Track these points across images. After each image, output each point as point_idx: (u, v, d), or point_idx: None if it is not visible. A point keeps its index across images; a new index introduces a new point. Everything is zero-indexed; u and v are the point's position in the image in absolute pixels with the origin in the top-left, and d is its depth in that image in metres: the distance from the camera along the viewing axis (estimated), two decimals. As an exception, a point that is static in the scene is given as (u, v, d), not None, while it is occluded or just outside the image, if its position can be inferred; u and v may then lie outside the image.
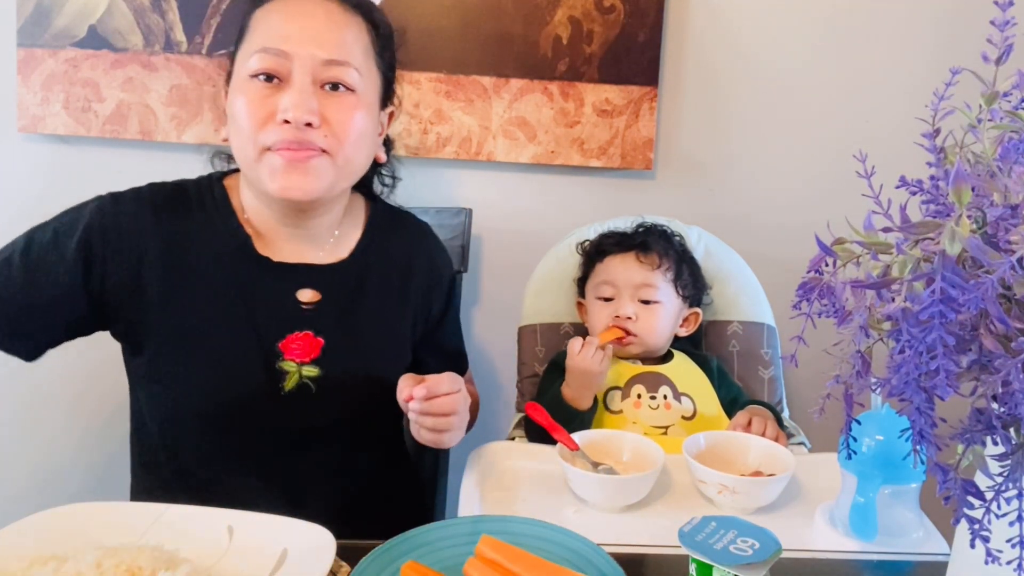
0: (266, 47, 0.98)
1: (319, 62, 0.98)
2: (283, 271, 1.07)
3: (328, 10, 1.01)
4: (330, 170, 1.01)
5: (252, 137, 0.98)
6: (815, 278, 0.62)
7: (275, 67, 0.98)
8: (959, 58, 0.64)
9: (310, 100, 0.97)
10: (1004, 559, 0.55)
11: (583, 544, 0.82)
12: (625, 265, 1.33)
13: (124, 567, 0.74)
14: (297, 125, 0.96)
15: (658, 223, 1.42)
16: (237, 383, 1.03)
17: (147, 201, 1.06)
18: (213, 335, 1.03)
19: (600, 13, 1.58)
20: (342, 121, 1.00)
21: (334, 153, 1.00)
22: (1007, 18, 0.59)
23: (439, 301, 1.20)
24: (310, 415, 1.05)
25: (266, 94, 0.98)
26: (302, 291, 1.08)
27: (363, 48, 1.03)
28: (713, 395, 1.30)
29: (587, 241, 1.43)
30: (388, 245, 1.16)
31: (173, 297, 1.03)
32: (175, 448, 1.07)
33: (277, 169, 0.98)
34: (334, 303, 1.09)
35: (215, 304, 1.03)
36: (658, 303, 1.31)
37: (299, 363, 1.05)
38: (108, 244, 1.01)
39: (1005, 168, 0.56)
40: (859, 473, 0.90)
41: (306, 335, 1.06)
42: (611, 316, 1.31)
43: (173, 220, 1.05)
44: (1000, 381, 0.52)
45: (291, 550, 0.80)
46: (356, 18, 1.03)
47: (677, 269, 1.34)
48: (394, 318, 1.14)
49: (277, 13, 1.01)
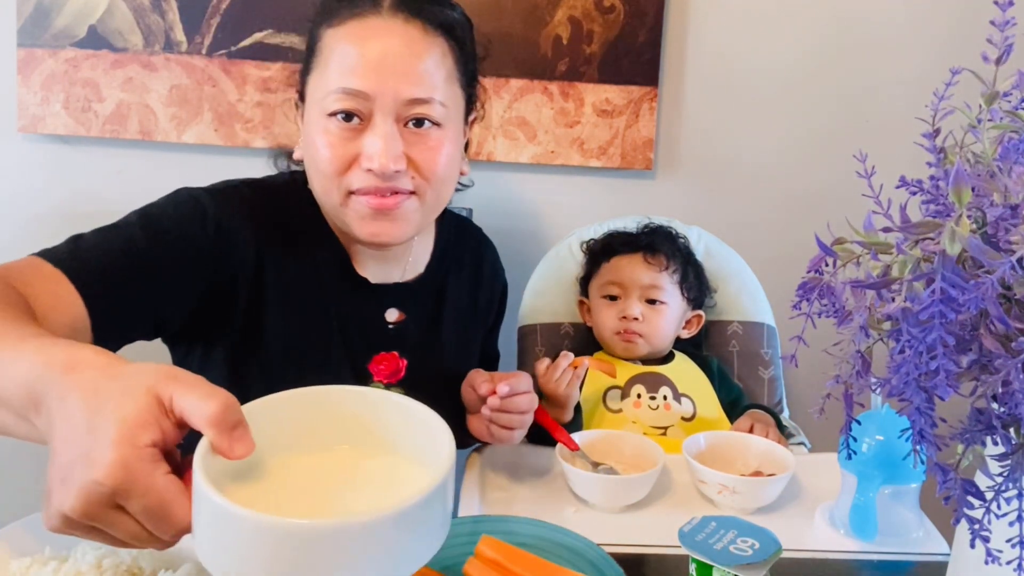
0: (345, 88, 0.90)
1: (402, 102, 0.91)
2: (374, 291, 1.05)
3: (409, 38, 0.91)
4: (419, 211, 0.96)
5: (335, 183, 0.93)
6: (815, 278, 0.62)
7: (355, 108, 0.91)
8: (959, 58, 0.64)
9: (394, 146, 0.90)
10: (1004, 559, 0.55)
11: (583, 544, 0.82)
12: (632, 266, 1.33)
13: (124, 567, 0.74)
14: (384, 174, 0.91)
15: (664, 224, 1.42)
16: None
17: (252, 199, 0.99)
18: (310, 351, 1.00)
19: (600, 13, 1.58)
20: (429, 160, 0.94)
21: (422, 194, 0.95)
22: (1007, 18, 0.58)
23: (494, 310, 1.22)
24: None
25: (347, 136, 0.92)
26: (389, 311, 1.07)
27: (446, 74, 0.95)
28: (713, 397, 1.30)
29: (592, 240, 1.43)
30: (457, 257, 1.14)
31: (280, 306, 0.98)
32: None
33: (365, 215, 0.94)
34: (416, 322, 1.08)
35: (315, 320, 1.00)
36: (664, 304, 1.32)
37: (387, 384, 1.05)
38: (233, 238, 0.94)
39: (1005, 168, 0.56)
40: (859, 473, 0.90)
41: (392, 355, 1.05)
42: (617, 316, 1.31)
43: (277, 224, 0.99)
44: (1000, 381, 0.52)
45: None
46: (438, 39, 0.94)
47: (683, 271, 1.35)
48: (469, 331, 1.16)
49: (352, 42, 0.91)
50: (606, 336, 1.33)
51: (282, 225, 0.99)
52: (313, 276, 1.00)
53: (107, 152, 1.61)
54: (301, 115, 0.99)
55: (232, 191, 0.98)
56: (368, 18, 0.92)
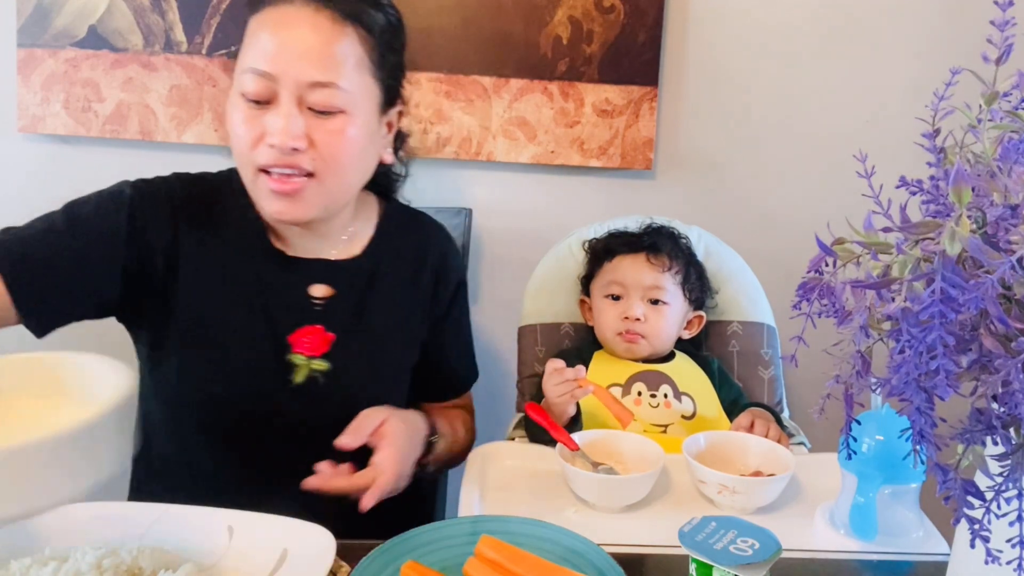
0: (253, 67, 0.97)
1: (304, 84, 0.96)
2: (297, 266, 1.09)
3: (317, 24, 0.98)
4: (319, 194, 1.00)
5: (247, 156, 0.99)
6: (815, 278, 0.62)
7: (261, 89, 0.97)
8: (959, 58, 0.64)
9: (295, 124, 0.96)
10: (1004, 559, 0.55)
11: (583, 544, 0.82)
12: (635, 266, 1.33)
13: (124, 567, 0.74)
14: (283, 150, 0.96)
15: (666, 224, 1.42)
16: (247, 372, 1.04)
17: (175, 187, 1.07)
18: (227, 323, 1.05)
19: (600, 13, 1.58)
20: (329, 144, 0.98)
21: (322, 176, 0.99)
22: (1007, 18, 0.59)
23: (444, 300, 1.19)
24: (318, 408, 1.06)
25: (255, 114, 0.98)
26: (315, 286, 1.09)
27: (355, 61, 1.00)
28: (714, 396, 1.30)
29: (594, 239, 1.43)
30: (401, 242, 1.16)
31: (194, 282, 1.05)
32: (180, 434, 1.08)
33: (267, 195, 0.99)
34: (346, 299, 1.10)
35: (231, 293, 1.06)
36: (666, 304, 1.32)
37: (308, 357, 1.06)
38: (148, 222, 1.03)
39: (1005, 168, 0.56)
40: (859, 473, 0.90)
41: (317, 329, 1.07)
42: (619, 316, 1.31)
43: (198, 208, 1.07)
44: (1000, 381, 0.52)
45: (291, 550, 0.80)
46: (348, 28, 0.99)
47: (685, 272, 1.35)
48: (404, 315, 1.15)
49: (266, 27, 0.98)
50: (608, 336, 1.33)
51: (204, 208, 1.07)
52: (232, 252, 1.07)
53: (107, 152, 1.61)
54: None
55: (159, 180, 1.07)
56: (281, 6, 0.98)
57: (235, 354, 1.04)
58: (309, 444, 1.06)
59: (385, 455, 0.96)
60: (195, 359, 1.04)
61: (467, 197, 1.64)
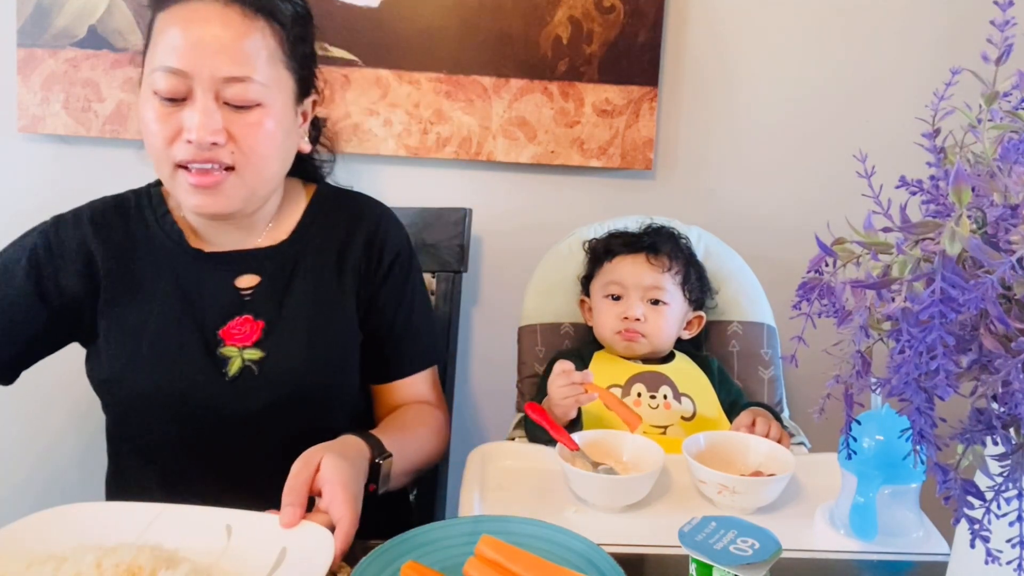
0: (165, 66, 0.97)
1: (219, 79, 0.97)
2: (218, 260, 1.10)
3: (226, 19, 0.99)
4: (239, 187, 1.02)
5: (163, 153, 1.00)
6: (815, 278, 0.62)
7: (175, 85, 0.97)
8: (959, 58, 0.64)
9: (212, 120, 0.97)
10: (1004, 559, 0.55)
11: (583, 544, 0.82)
12: (635, 266, 1.33)
13: (124, 567, 0.74)
14: (201, 145, 0.97)
15: (666, 224, 1.42)
16: (181, 372, 1.05)
17: (87, 216, 1.10)
18: (155, 329, 1.06)
19: (600, 13, 1.58)
20: (248, 137, 1.00)
21: (241, 169, 1.01)
22: (1007, 18, 0.59)
23: (378, 276, 1.16)
24: (256, 397, 1.06)
25: (170, 111, 0.98)
26: (241, 278, 1.10)
27: (268, 54, 1.01)
28: (714, 397, 1.30)
29: (594, 240, 1.43)
30: (328, 225, 1.16)
31: (118, 297, 1.06)
32: (135, 442, 1.10)
33: (188, 189, 1.00)
34: (272, 285, 1.10)
35: (156, 300, 1.07)
36: (666, 305, 1.32)
37: (241, 347, 1.07)
38: (54, 259, 1.06)
39: (1005, 168, 0.56)
40: (859, 473, 0.90)
41: (246, 319, 1.08)
42: (619, 316, 1.31)
43: (113, 229, 1.09)
44: (1000, 381, 0.52)
45: (290, 549, 0.80)
46: (258, 22, 1.00)
47: (685, 272, 1.35)
48: (332, 296, 1.12)
49: (175, 24, 0.99)
50: (607, 335, 1.33)
51: (121, 226, 1.10)
52: (150, 260, 1.08)
53: (107, 152, 1.61)
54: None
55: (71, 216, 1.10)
56: (190, 3, 0.99)
57: (165, 356, 1.05)
58: (253, 434, 1.07)
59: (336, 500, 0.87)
60: (127, 367, 1.05)
61: (467, 197, 1.64)
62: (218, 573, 0.78)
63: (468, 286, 1.67)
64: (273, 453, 1.00)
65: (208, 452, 1.07)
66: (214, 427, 1.06)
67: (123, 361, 1.05)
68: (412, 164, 1.64)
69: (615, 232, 1.42)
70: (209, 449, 1.07)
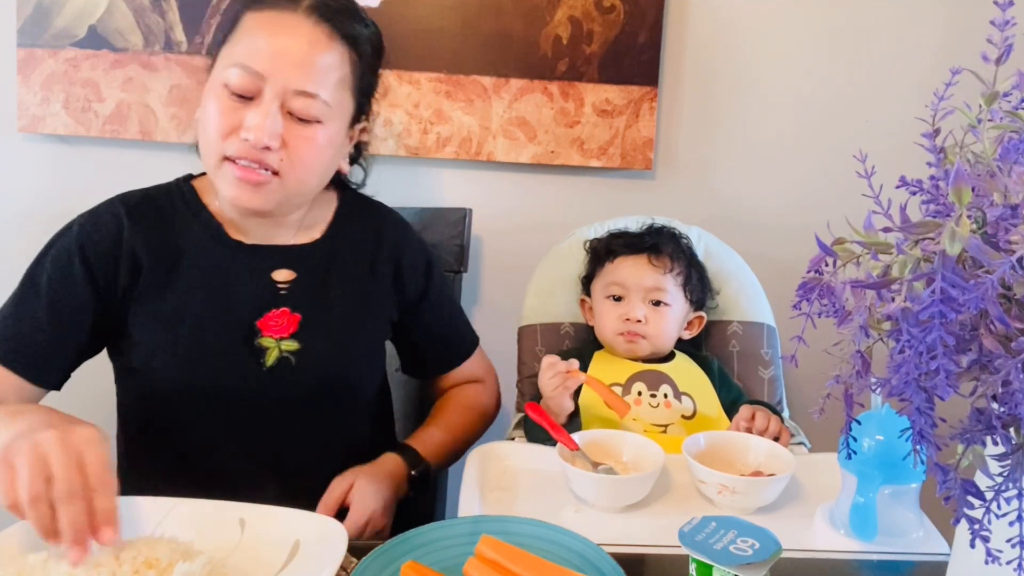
0: (244, 64, 1.00)
1: (290, 90, 1.01)
2: (256, 253, 1.12)
3: (314, 36, 1.02)
4: (280, 191, 1.05)
5: (216, 146, 1.02)
6: (815, 278, 0.62)
7: (247, 84, 1.00)
8: (959, 58, 0.64)
9: (273, 124, 1.00)
10: (1004, 559, 0.55)
11: (583, 544, 0.82)
12: (637, 267, 1.33)
13: (142, 558, 0.75)
14: (256, 146, 1.00)
15: (667, 224, 1.42)
16: (218, 362, 1.07)
17: (122, 209, 1.10)
18: (195, 318, 1.07)
19: (600, 13, 1.57)
20: (300, 148, 1.03)
21: (286, 176, 1.04)
22: (1007, 18, 0.59)
23: (414, 283, 1.22)
24: (293, 388, 1.09)
25: (235, 106, 1.01)
26: (277, 271, 1.13)
27: (339, 78, 1.05)
28: (714, 396, 1.30)
29: (595, 240, 1.43)
30: (358, 227, 1.20)
31: (155, 288, 1.08)
32: (167, 432, 1.11)
33: (231, 181, 1.03)
34: (308, 280, 1.13)
35: (195, 290, 1.08)
36: (667, 306, 1.32)
37: (278, 339, 1.09)
38: (100, 254, 1.07)
39: (1005, 168, 0.56)
40: (859, 473, 0.90)
41: (283, 312, 1.10)
42: (620, 317, 1.31)
43: (148, 221, 1.10)
44: (1000, 381, 0.52)
45: (303, 542, 0.81)
46: (340, 47, 1.05)
47: (687, 273, 1.35)
48: (366, 292, 1.17)
49: (263, 28, 1.02)
50: (608, 336, 1.33)
51: (156, 216, 1.11)
52: (190, 248, 1.10)
53: (107, 152, 1.61)
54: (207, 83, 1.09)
55: (103, 208, 1.11)
56: (284, 13, 1.03)
57: (205, 344, 1.07)
58: (287, 425, 1.11)
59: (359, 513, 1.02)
60: (166, 356, 1.06)
61: (467, 197, 1.64)
62: (233, 566, 0.79)
63: (468, 286, 1.67)
64: (301, 443, 1.09)
65: (236, 441, 1.09)
66: (247, 417, 1.09)
67: (160, 351, 1.06)
68: (412, 164, 1.64)
69: (616, 232, 1.42)
70: (236, 438, 1.09)
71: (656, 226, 1.41)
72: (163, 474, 1.09)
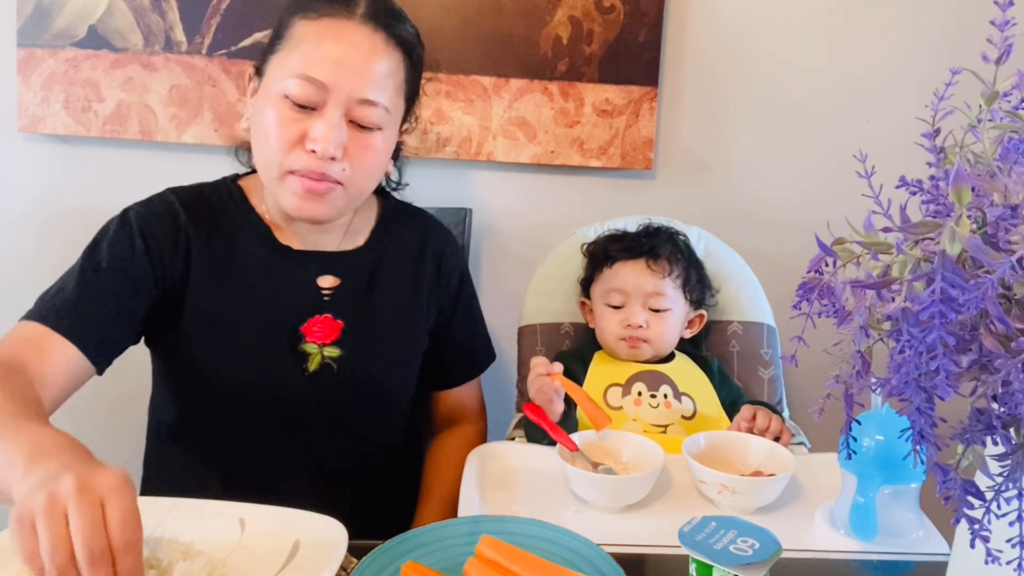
0: (307, 75, 0.99)
1: (354, 99, 1.01)
2: (303, 258, 1.12)
3: (374, 43, 1.02)
4: (343, 199, 1.05)
5: (279, 158, 1.02)
6: (815, 278, 0.62)
7: (310, 94, 0.99)
8: (959, 58, 0.64)
9: (340, 135, 1.00)
10: (1004, 559, 0.55)
11: (583, 544, 0.82)
12: (636, 273, 1.32)
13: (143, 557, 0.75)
14: (323, 157, 1.00)
15: (664, 224, 1.41)
16: (263, 364, 1.07)
17: (174, 199, 1.10)
18: (240, 319, 1.08)
19: (600, 13, 1.57)
20: (362, 156, 1.03)
21: (349, 185, 1.04)
22: (1007, 18, 0.59)
23: (447, 295, 1.23)
24: (333, 393, 1.10)
25: (297, 117, 1.00)
26: (322, 277, 1.13)
27: (396, 85, 1.05)
28: (714, 396, 1.30)
29: (592, 244, 1.42)
30: (401, 235, 1.21)
31: (207, 284, 1.08)
32: (207, 433, 1.11)
33: (296, 193, 1.02)
34: (352, 288, 1.14)
35: (241, 290, 1.09)
36: (668, 310, 1.32)
37: (321, 345, 1.10)
38: (160, 237, 1.07)
39: (1005, 168, 0.56)
40: (859, 473, 0.90)
41: (326, 318, 1.11)
42: (622, 323, 1.31)
43: (201, 215, 1.10)
44: (1000, 381, 0.52)
45: (303, 542, 0.81)
46: (397, 53, 1.05)
47: (686, 275, 1.35)
48: (408, 301, 1.18)
49: (323, 36, 1.01)
50: (610, 342, 1.33)
51: (207, 211, 1.11)
52: (239, 249, 1.10)
53: (107, 152, 1.61)
54: (254, 90, 1.08)
55: (156, 198, 1.11)
56: (341, 20, 1.02)
57: (250, 346, 1.07)
58: (326, 431, 1.11)
59: None
60: (212, 354, 1.07)
61: (467, 197, 1.64)
62: (233, 566, 0.79)
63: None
64: (339, 450, 1.09)
65: (273, 442, 1.09)
66: (288, 421, 1.09)
67: (206, 349, 1.07)
68: (412, 164, 1.64)
69: (613, 235, 1.41)
70: (278, 442, 1.10)
71: (653, 227, 1.41)
72: (196, 477, 1.10)
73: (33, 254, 1.11)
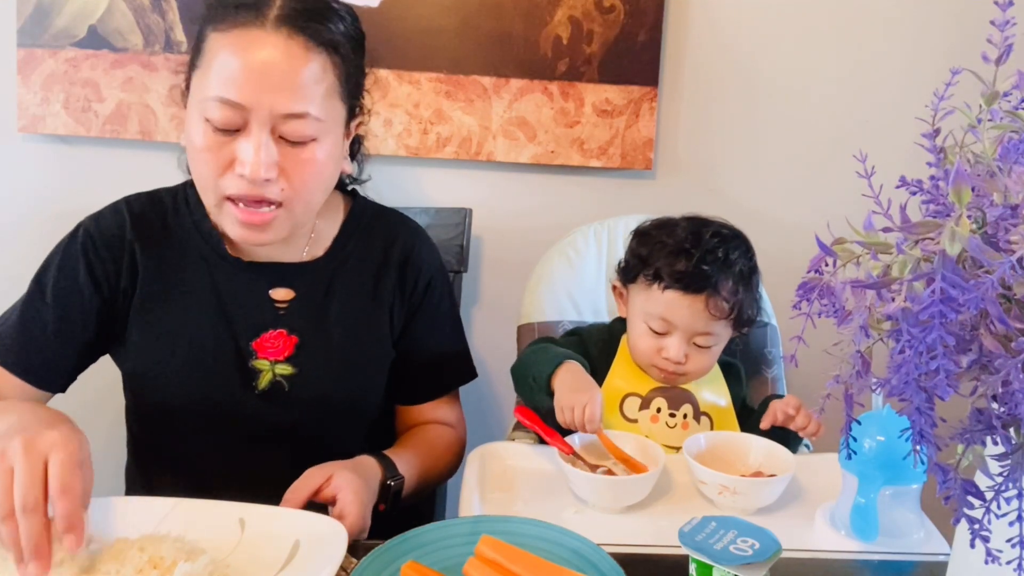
0: (222, 97, 0.92)
1: (277, 115, 0.93)
2: (255, 270, 1.08)
3: (289, 53, 0.93)
4: (286, 220, 1.00)
5: (212, 184, 0.97)
6: (815, 278, 0.62)
7: (231, 117, 0.93)
8: (959, 58, 0.64)
9: (268, 155, 0.94)
10: (1004, 559, 0.55)
11: (583, 544, 0.81)
12: (692, 312, 1.17)
13: (147, 556, 0.75)
14: (254, 181, 0.94)
15: (725, 230, 1.23)
16: (211, 381, 1.04)
17: (125, 212, 1.08)
18: (188, 334, 1.05)
19: (600, 13, 1.57)
20: (300, 173, 0.97)
21: (290, 204, 0.98)
22: (1007, 18, 0.58)
23: (412, 301, 1.15)
24: (284, 413, 1.06)
25: (223, 141, 0.94)
26: (275, 290, 1.09)
27: (326, 88, 0.97)
28: (733, 419, 1.24)
29: (643, 243, 1.24)
30: (365, 242, 1.14)
31: (154, 296, 1.06)
32: (159, 446, 1.10)
33: (235, 221, 0.98)
34: (307, 301, 1.09)
35: (192, 304, 1.06)
36: (712, 346, 1.21)
37: (272, 361, 1.06)
38: (102, 254, 1.05)
39: (1005, 168, 0.56)
40: (860, 474, 0.90)
41: (280, 333, 1.07)
42: (659, 352, 1.20)
43: (151, 226, 1.08)
44: (1000, 381, 0.52)
45: (303, 542, 0.81)
46: (320, 56, 0.96)
47: (741, 310, 1.20)
48: (367, 315, 1.12)
49: (234, 51, 0.93)
50: (642, 362, 1.24)
51: (159, 224, 1.08)
52: (188, 262, 1.07)
53: (107, 152, 1.61)
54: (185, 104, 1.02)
55: (110, 211, 1.09)
56: (251, 29, 0.93)
57: (197, 362, 1.04)
58: (281, 449, 1.07)
59: (346, 501, 0.91)
60: (158, 370, 1.05)
61: (467, 197, 1.64)
62: (233, 566, 0.79)
63: (468, 286, 1.67)
64: (296, 466, 0.99)
65: (227, 461, 1.06)
66: (239, 438, 1.06)
67: (155, 364, 1.04)
68: (412, 164, 1.64)
69: (671, 248, 1.19)
70: (228, 458, 1.06)
71: (712, 243, 1.19)
72: (169, 478, 1.09)
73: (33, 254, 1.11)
